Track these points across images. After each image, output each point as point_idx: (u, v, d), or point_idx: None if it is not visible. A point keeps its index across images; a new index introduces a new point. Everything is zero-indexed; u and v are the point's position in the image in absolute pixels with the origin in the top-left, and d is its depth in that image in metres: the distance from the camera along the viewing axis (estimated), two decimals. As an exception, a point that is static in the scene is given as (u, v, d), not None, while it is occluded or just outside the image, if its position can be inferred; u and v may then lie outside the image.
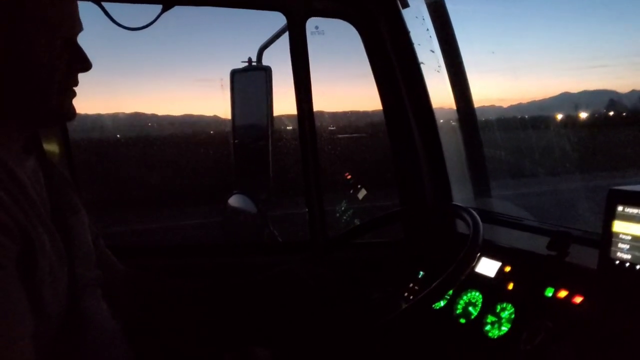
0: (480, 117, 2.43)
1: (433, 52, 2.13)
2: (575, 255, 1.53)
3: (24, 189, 0.99)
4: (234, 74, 2.56)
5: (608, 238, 1.32)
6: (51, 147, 2.03)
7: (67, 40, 1.03)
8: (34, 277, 0.95)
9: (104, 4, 1.82)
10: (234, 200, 2.60)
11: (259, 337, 1.65)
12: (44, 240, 0.98)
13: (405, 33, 2.06)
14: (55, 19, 0.99)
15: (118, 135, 12.53)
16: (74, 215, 1.21)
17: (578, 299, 1.35)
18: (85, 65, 1.07)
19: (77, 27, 1.07)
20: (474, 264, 1.45)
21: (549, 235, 1.62)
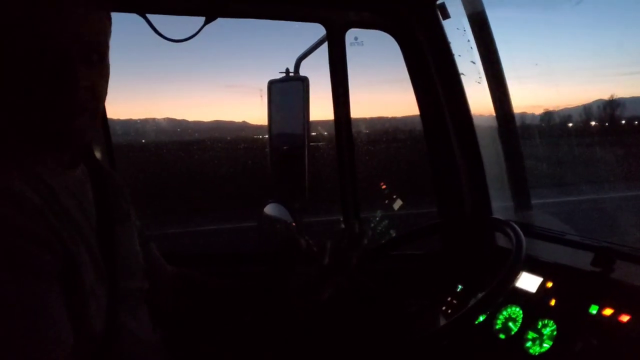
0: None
1: (474, 63, 2.11)
2: (620, 272, 1.49)
3: (64, 206, 0.99)
4: (272, 84, 2.58)
5: (658, 256, 1.29)
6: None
7: (57, 60, 0.94)
8: (77, 293, 0.96)
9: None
10: (269, 210, 2.60)
11: (295, 342, 1.65)
12: (84, 257, 0.99)
13: (446, 44, 2.05)
14: (42, 39, 0.92)
15: (143, 140, 12.72)
16: (122, 224, 1.21)
17: (625, 318, 1.31)
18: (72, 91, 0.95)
19: (75, 40, 0.95)
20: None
21: (593, 250, 1.58)
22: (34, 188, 0.93)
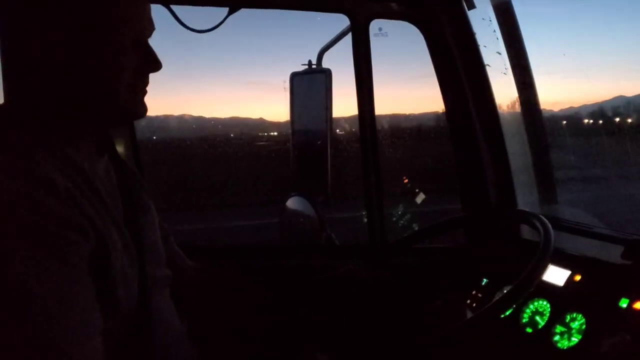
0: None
1: (499, 54, 2.08)
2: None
3: (97, 190, 1.00)
4: (294, 77, 2.57)
5: (691, 248, 1.26)
6: (118, 147, 2.08)
7: (136, 40, 1.02)
8: (108, 277, 0.96)
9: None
10: (292, 203, 2.60)
11: (320, 338, 1.64)
12: (116, 241, 0.99)
13: (471, 35, 2.03)
14: (122, 18, 0.99)
15: (154, 137, 12.78)
16: (145, 215, 1.22)
17: (657, 312, 1.29)
18: (155, 66, 1.07)
19: (147, 27, 1.06)
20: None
21: (622, 243, 1.55)
22: (66, 172, 0.94)
